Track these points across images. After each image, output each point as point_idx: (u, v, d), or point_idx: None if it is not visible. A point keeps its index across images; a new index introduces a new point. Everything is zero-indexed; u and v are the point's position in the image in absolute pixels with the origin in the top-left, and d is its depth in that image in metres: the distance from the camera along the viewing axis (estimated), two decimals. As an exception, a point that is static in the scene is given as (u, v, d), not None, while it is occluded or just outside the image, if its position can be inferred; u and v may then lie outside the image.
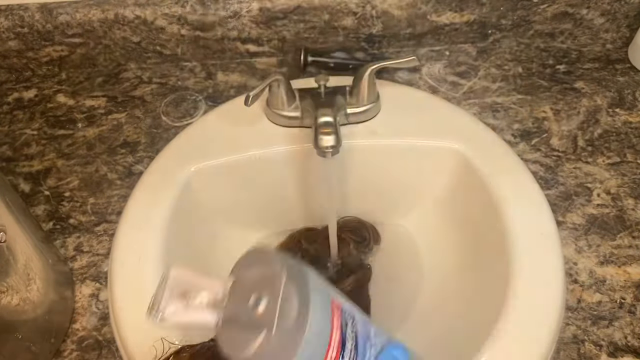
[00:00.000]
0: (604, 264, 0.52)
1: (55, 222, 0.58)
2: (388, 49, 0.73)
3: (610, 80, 0.68)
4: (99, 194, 0.60)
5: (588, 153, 0.61)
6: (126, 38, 0.69)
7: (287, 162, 0.60)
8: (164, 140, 0.64)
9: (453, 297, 0.57)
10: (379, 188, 0.63)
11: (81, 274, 0.54)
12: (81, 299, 0.53)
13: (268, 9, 0.67)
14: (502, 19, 0.70)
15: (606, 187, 0.58)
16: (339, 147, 0.50)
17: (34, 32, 0.68)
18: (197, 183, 0.58)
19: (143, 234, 0.52)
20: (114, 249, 0.52)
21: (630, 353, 0.47)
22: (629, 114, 0.64)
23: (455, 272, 0.59)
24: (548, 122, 0.64)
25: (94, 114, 0.68)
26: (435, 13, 0.69)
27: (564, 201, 0.57)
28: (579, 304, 0.50)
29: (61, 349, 0.49)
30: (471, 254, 0.58)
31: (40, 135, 0.66)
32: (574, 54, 0.71)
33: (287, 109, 0.58)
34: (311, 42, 0.71)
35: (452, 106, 0.63)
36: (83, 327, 0.51)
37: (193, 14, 0.67)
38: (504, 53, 0.72)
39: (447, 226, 0.62)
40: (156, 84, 0.71)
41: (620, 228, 0.55)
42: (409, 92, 0.65)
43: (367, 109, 0.59)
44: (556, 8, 0.70)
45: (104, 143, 0.65)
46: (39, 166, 0.63)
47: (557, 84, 0.68)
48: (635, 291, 0.51)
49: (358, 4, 0.67)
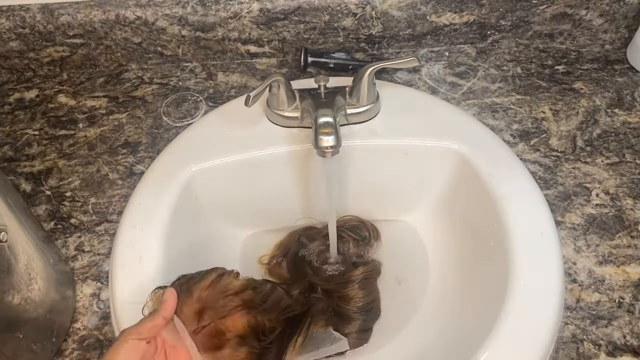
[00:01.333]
0: (602, 264, 0.53)
1: (57, 221, 0.58)
2: (388, 49, 0.73)
3: (609, 81, 0.68)
4: (100, 194, 0.60)
5: (587, 153, 0.61)
6: (127, 39, 0.70)
7: (287, 162, 0.60)
8: (164, 140, 0.64)
9: (452, 297, 0.57)
10: (378, 188, 0.63)
11: (82, 273, 0.54)
12: (82, 299, 0.53)
13: (268, 10, 0.67)
14: (502, 20, 0.71)
15: (605, 187, 0.58)
16: (338, 147, 0.50)
17: (35, 32, 0.68)
18: (198, 183, 0.58)
19: (144, 234, 0.52)
20: (115, 249, 0.52)
21: (628, 352, 0.47)
22: (628, 114, 0.64)
23: (454, 271, 0.59)
24: (547, 122, 0.64)
25: (95, 114, 0.68)
26: (435, 14, 0.69)
27: (563, 201, 0.57)
28: (578, 304, 0.50)
29: (62, 348, 0.50)
30: (470, 254, 0.58)
31: (41, 135, 0.66)
32: (572, 55, 0.72)
33: (287, 109, 0.58)
34: (311, 43, 0.71)
35: (452, 106, 0.63)
36: (84, 326, 0.51)
37: (194, 14, 0.67)
38: (503, 54, 0.72)
39: (446, 226, 0.62)
40: (157, 85, 0.71)
41: (619, 228, 0.55)
42: (408, 93, 0.65)
43: (366, 109, 0.59)
44: (555, 9, 0.70)
45: (105, 143, 0.65)
46: (40, 166, 0.63)
47: (556, 85, 0.68)
48: (634, 291, 0.51)
49: (358, 5, 0.67)
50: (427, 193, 0.63)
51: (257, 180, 0.61)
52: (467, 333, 0.50)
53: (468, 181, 0.58)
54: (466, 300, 0.55)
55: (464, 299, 0.56)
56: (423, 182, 0.62)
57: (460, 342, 0.50)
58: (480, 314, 0.50)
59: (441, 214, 0.63)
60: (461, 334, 0.52)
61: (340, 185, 0.62)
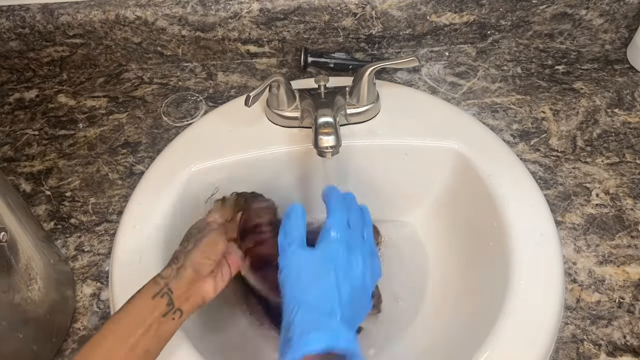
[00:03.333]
0: (602, 264, 0.53)
1: (57, 222, 0.58)
2: (388, 49, 0.73)
3: (609, 81, 0.68)
4: (100, 194, 0.60)
5: (587, 153, 0.61)
6: (127, 39, 0.70)
7: (287, 162, 0.60)
8: (164, 140, 0.64)
9: (452, 297, 0.57)
10: (378, 188, 0.63)
11: (82, 273, 0.54)
12: (82, 299, 0.53)
13: (268, 10, 0.67)
14: (502, 20, 0.71)
15: (605, 187, 0.58)
16: (338, 147, 0.50)
17: (35, 32, 0.68)
18: (198, 183, 0.58)
19: (144, 234, 0.52)
20: (114, 249, 0.52)
21: (629, 352, 0.47)
22: (628, 114, 0.64)
23: (454, 271, 0.59)
24: (547, 122, 0.64)
25: (95, 114, 0.68)
26: (435, 14, 0.69)
27: (563, 201, 0.57)
28: (578, 304, 0.50)
29: (62, 348, 0.50)
30: (470, 254, 0.58)
31: (41, 135, 0.66)
32: (573, 55, 0.72)
33: (287, 109, 0.58)
34: (311, 43, 0.71)
35: (452, 106, 0.63)
36: (84, 326, 0.51)
37: (194, 14, 0.67)
38: (503, 53, 0.72)
39: (447, 226, 0.62)
40: (157, 85, 0.71)
41: (619, 228, 0.55)
42: (408, 93, 0.65)
43: (367, 109, 0.59)
44: (555, 9, 0.70)
45: (105, 143, 0.65)
46: (40, 166, 0.63)
47: (556, 85, 0.68)
48: (634, 291, 0.51)
49: (358, 5, 0.67)
50: (427, 193, 0.63)
51: (257, 180, 0.61)
52: (467, 333, 0.50)
53: (468, 181, 0.58)
54: (466, 300, 0.55)
55: (464, 299, 0.56)
56: (423, 182, 0.62)
57: (461, 341, 0.50)
58: (480, 313, 0.50)
59: (441, 214, 0.63)
60: (461, 333, 0.52)
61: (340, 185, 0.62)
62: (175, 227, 0.54)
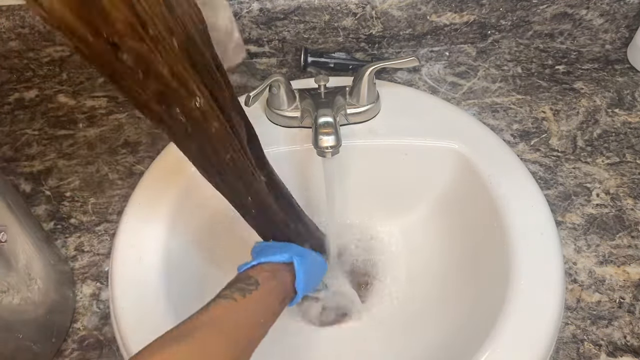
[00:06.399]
0: (603, 264, 0.53)
1: (56, 222, 0.58)
2: (388, 49, 0.73)
3: (610, 81, 0.68)
4: (99, 194, 0.60)
5: (587, 153, 0.61)
6: (127, 38, 0.70)
7: (287, 162, 0.60)
8: (164, 140, 0.64)
9: (453, 297, 0.57)
10: (378, 188, 0.63)
11: (82, 273, 0.54)
12: (82, 299, 0.53)
13: (268, 10, 0.67)
14: (502, 20, 0.71)
15: (605, 187, 0.58)
16: (338, 147, 0.50)
17: (35, 32, 0.68)
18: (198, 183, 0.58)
19: (144, 234, 0.52)
20: (114, 249, 0.52)
21: (629, 353, 0.47)
22: (628, 114, 0.64)
23: (454, 271, 0.59)
24: (547, 122, 0.64)
25: (95, 114, 0.68)
26: (435, 14, 0.69)
27: (563, 201, 0.57)
28: (579, 304, 0.50)
29: (62, 348, 0.50)
30: (471, 254, 0.58)
31: (41, 135, 0.66)
32: (573, 55, 0.72)
33: (287, 109, 0.58)
34: (311, 43, 0.71)
35: (452, 106, 0.63)
36: (84, 326, 0.51)
37: (193, 14, 0.67)
38: (504, 53, 0.72)
39: (446, 226, 0.62)
40: (157, 85, 0.71)
41: (619, 228, 0.55)
42: (408, 93, 0.65)
43: (367, 109, 0.59)
44: (555, 8, 0.70)
45: (105, 143, 0.65)
46: (40, 166, 0.63)
47: (557, 85, 0.68)
48: (635, 291, 0.51)
49: (358, 5, 0.67)
50: (427, 193, 0.63)
51: (257, 180, 0.61)
52: (467, 333, 0.50)
53: (468, 181, 0.57)
54: (466, 300, 0.55)
55: (464, 299, 0.56)
56: (423, 182, 0.62)
57: (461, 342, 0.50)
58: (480, 314, 0.50)
59: (441, 214, 0.63)
60: (461, 334, 0.52)
61: (340, 185, 0.62)
62: (175, 227, 0.54)
